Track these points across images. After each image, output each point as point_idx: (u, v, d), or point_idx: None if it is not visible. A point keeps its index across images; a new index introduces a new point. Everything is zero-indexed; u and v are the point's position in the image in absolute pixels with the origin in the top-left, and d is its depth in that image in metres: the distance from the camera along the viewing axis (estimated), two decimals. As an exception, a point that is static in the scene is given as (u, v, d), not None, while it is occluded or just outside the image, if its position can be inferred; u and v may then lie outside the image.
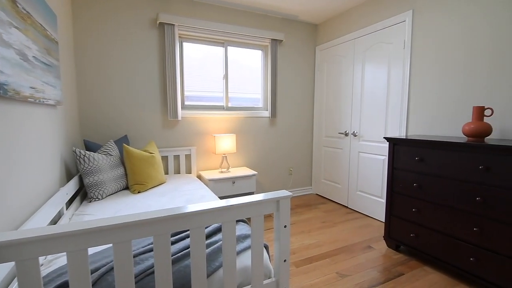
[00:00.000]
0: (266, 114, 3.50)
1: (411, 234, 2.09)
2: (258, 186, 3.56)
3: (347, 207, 3.34)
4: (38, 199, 1.47)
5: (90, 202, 2.02)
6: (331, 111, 3.54)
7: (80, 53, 2.54)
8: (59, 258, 1.21)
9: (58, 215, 1.73)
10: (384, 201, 2.85)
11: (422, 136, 2.24)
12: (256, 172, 3.07)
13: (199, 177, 3.15)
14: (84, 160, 2.04)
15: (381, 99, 2.83)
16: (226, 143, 3.01)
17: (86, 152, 2.07)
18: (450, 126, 2.24)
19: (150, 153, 2.47)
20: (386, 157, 2.80)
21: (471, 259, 1.71)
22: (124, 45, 2.71)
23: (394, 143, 2.19)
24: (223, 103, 3.30)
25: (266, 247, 1.35)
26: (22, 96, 1.28)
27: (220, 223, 1.31)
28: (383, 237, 2.33)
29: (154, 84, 2.87)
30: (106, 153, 2.27)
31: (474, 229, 1.69)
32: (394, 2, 2.64)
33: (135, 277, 1.05)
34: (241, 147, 3.40)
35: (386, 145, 2.79)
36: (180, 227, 0.98)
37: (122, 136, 2.74)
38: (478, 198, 1.66)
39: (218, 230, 1.39)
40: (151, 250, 1.18)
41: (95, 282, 1.01)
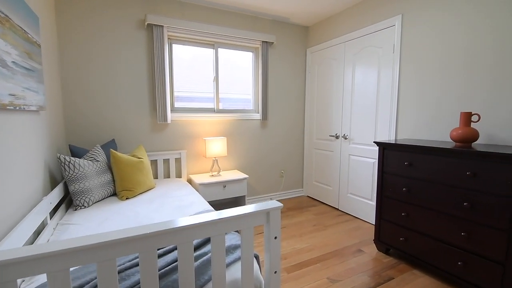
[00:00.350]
0: (257, 116, 3.48)
1: (401, 238, 2.11)
2: (249, 189, 3.54)
3: (338, 209, 3.36)
4: (19, 211, 1.41)
5: (76, 210, 1.96)
6: (322, 114, 3.55)
7: (64, 55, 2.46)
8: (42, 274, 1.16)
9: (42, 225, 1.67)
10: (374, 203, 2.87)
11: (411, 140, 2.27)
12: (247, 175, 3.05)
13: (189, 181, 3.10)
14: (69, 166, 1.97)
15: (371, 102, 2.85)
16: (217, 147, 2.97)
17: (71, 158, 2.01)
18: (438, 130, 2.27)
19: (139, 158, 2.42)
20: (376, 160, 2.82)
21: (459, 263, 1.74)
22: (111, 46, 2.63)
23: (384, 148, 2.20)
24: (214, 106, 3.26)
25: (256, 257, 1.33)
26: (0, 104, 1.22)
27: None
28: (373, 240, 2.35)
29: (142, 86, 2.81)
30: (93, 158, 2.20)
31: (462, 233, 1.72)
32: (384, 7, 2.66)
33: (121, 294, 1.01)
34: (232, 150, 3.37)
35: (376, 148, 2.81)
36: (167, 243, 0.95)
37: (110, 140, 2.68)
38: (465, 203, 1.69)
39: (207, 241, 1.37)
40: (138, 264, 1.15)
41: (78, 301, 0.97)
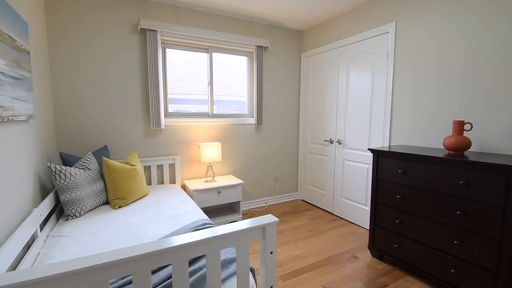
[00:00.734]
0: (252, 121, 3.47)
1: (395, 245, 2.12)
2: (244, 194, 3.53)
3: (333, 214, 3.37)
4: (9, 224, 1.37)
5: (67, 220, 1.92)
6: (317, 118, 3.55)
7: (55, 61, 2.41)
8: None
9: (32, 238, 1.62)
10: (368, 208, 2.89)
11: (405, 147, 2.28)
12: (242, 181, 3.04)
13: (184, 186, 3.08)
14: (60, 176, 1.93)
15: (365, 108, 2.86)
16: (211, 152, 2.95)
17: (62, 167, 1.97)
18: (432, 137, 2.29)
19: (132, 165, 2.38)
20: (370, 165, 2.84)
21: (452, 271, 1.76)
22: (103, 51, 2.59)
23: (378, 155, 2.21)
24: (208, 110, 3.24)
25: (252, 271, 1.32)
26: (-12, 117, 1.18)
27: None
28: (368, 246, 2.37)
29: (135, 92, 2.77)
30: (84, 167, 2.16)
31: (455, 241, 1.74)
32: (378, 13, 2.67)
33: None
34: (226, 155, 3.35)
35: (370, 154, 2.83)
36: (161, 263, 0.93)
37: (102, 146, 2.63)
38: (458, 212, 1.70)
39: (202, 255, 1.35)
40: (131, 282, 1.13)
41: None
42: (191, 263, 1.29)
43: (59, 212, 2.13)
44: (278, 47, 3.57)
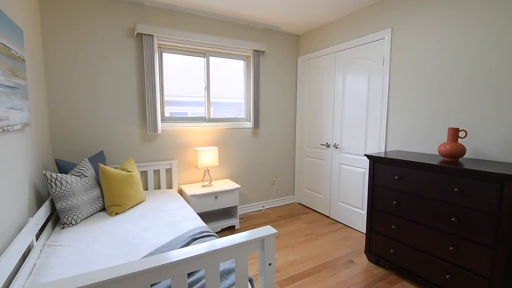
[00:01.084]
0: (249, 125, 3.47)
1: (391, 250, 2.15)
2: (241, 198, 3.53)
3: (329, 217, 3.39)
4: (5, 235, 1.35)
5: (63, 228, 1.90)
6: (313, 122, 3.57)
7: (50, 66, 2.38)
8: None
9: (28, 249, 1.61)
10: (364, 212, 2.92)
11: (401, 152, 2.31)
12: (239, 185, 3.04)
13: (180, 191, 3.07)
14: (55, 183, 1.91)
15: (361, 113, 2.88)
16: (208, 157, 2.95)
17: (58, 174, 1.95)
18: (427, 143, 2.32)
19: (128, 171, 2.37)
20: (367, 170, 2.86)
21: (447, 276, 1.78)
22: (99, 56, 2.57)
23: (374, 161, 2.23)
24: (205, 114, 3.23)
25: (250, 281, 1.33)
26: (-17, 129, 1.17)
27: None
28: (364, 251, 2.38)
29: (132, 97, 2.75)
30: (80, 174, 2.14)
31: (450, 248, 1.76)
32: (374, 19, 2.69)
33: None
34: (223, 159, 3.35)
35: (366, 158, 2.85)
36: (160, 278, 0.93)
37: (98, 152, 2.61)
38: (453, 219, 1.73)
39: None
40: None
41: None
42: (190, 274, 1.29)
43: (55, 219, 2.11)
44: (275, 51, 3.58)
